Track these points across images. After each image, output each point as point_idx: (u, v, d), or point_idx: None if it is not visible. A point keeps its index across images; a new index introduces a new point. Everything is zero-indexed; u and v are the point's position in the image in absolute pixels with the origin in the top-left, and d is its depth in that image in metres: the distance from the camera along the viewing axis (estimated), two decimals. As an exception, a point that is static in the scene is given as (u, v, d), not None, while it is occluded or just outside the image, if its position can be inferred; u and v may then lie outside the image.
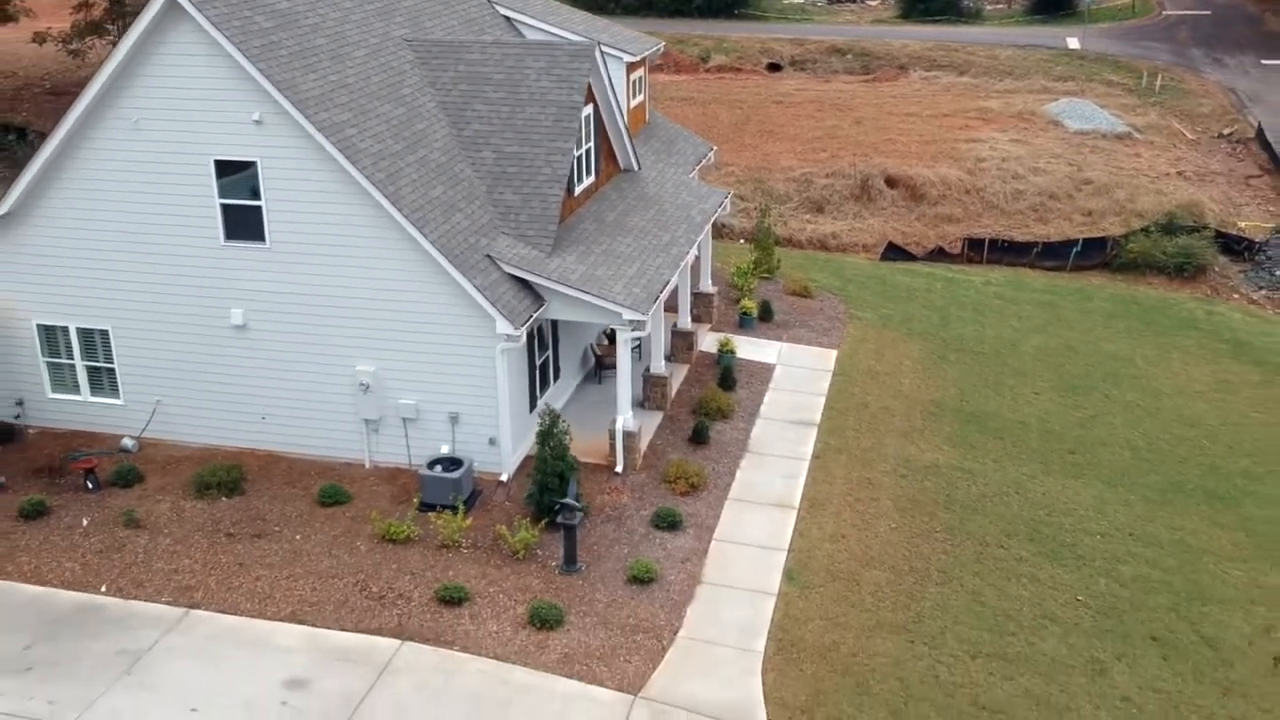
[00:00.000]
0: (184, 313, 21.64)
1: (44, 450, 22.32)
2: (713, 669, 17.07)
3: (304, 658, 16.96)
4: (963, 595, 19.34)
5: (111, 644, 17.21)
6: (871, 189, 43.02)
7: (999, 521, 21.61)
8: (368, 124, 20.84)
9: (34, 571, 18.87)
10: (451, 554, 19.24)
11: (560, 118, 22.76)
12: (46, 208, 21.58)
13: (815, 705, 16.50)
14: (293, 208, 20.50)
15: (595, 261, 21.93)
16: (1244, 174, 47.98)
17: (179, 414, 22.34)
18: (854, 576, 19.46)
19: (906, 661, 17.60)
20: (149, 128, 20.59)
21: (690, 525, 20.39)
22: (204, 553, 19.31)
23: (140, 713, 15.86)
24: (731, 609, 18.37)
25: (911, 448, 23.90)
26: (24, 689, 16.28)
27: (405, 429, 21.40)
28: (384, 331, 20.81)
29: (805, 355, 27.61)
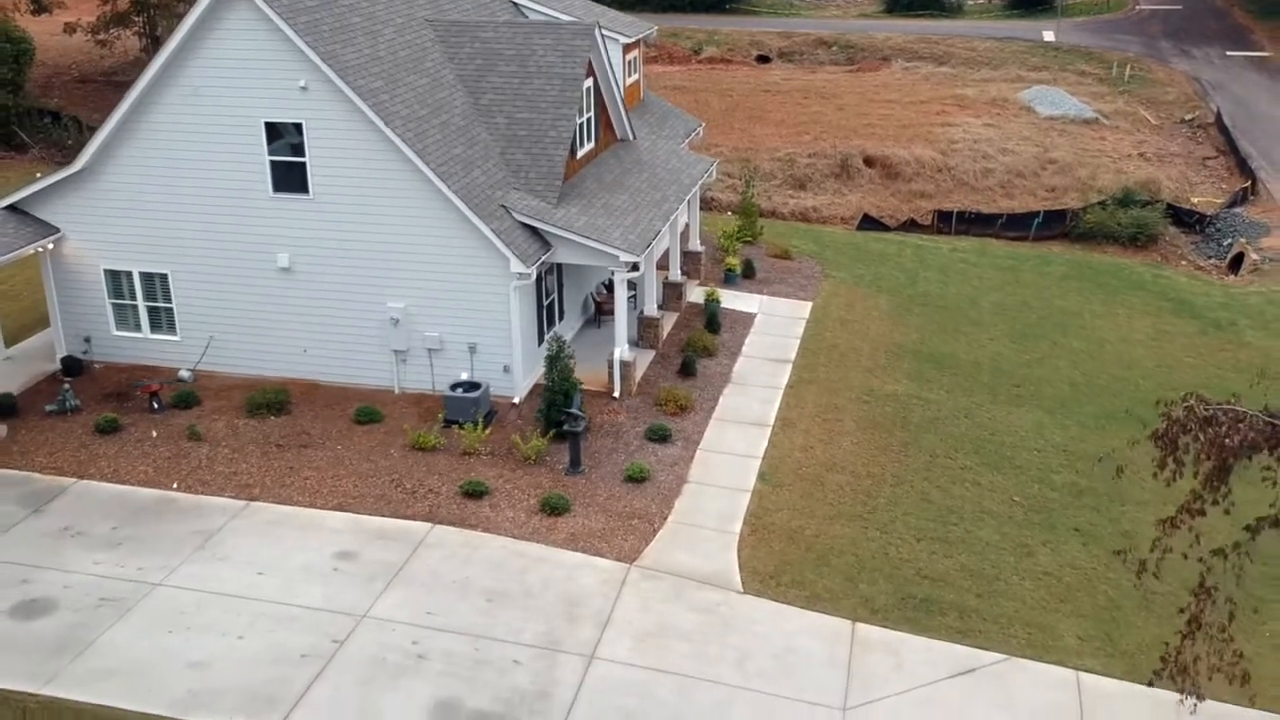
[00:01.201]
0: (235, 257, 24.70)
1: (110, 380, 25.38)
2: (696, 545, 20.18)
3: (350, 537, 20.05)
4: (912, 495, 22.47)
5: (186, 526, 20.29)
6: (850, 168, 46.18)
7: (948, 439, 24.75)
8: (397, 91, 23.93)
9: (113, 473, 21.94)
10: (472, 459, 22.32)
11: (564, 89, 25.85)
12: (115, 166, 24.63)
13: (782, 573, 19.61)
14: (333, 163, 23.58)
15: (595, 213, 25.03)
16: (1201, 156, 51.21)
17: (229, 348, 25.40)
18: (818, 478, 22.58)
19: (861, 542, 20.71)
20: (207, 94, 23.65)
21: (678, 438, 23.50)
22: (258, 459, 22.38)
23: (215, 576, 18.93)
24: (713, 501, 21.48)
25: (874, 380, 27.03)
26: (116, 559, 19.35)
27: (429, 359, 24.47)
28: (412, 272, 23.88)
29: (783, 306, 30.73)
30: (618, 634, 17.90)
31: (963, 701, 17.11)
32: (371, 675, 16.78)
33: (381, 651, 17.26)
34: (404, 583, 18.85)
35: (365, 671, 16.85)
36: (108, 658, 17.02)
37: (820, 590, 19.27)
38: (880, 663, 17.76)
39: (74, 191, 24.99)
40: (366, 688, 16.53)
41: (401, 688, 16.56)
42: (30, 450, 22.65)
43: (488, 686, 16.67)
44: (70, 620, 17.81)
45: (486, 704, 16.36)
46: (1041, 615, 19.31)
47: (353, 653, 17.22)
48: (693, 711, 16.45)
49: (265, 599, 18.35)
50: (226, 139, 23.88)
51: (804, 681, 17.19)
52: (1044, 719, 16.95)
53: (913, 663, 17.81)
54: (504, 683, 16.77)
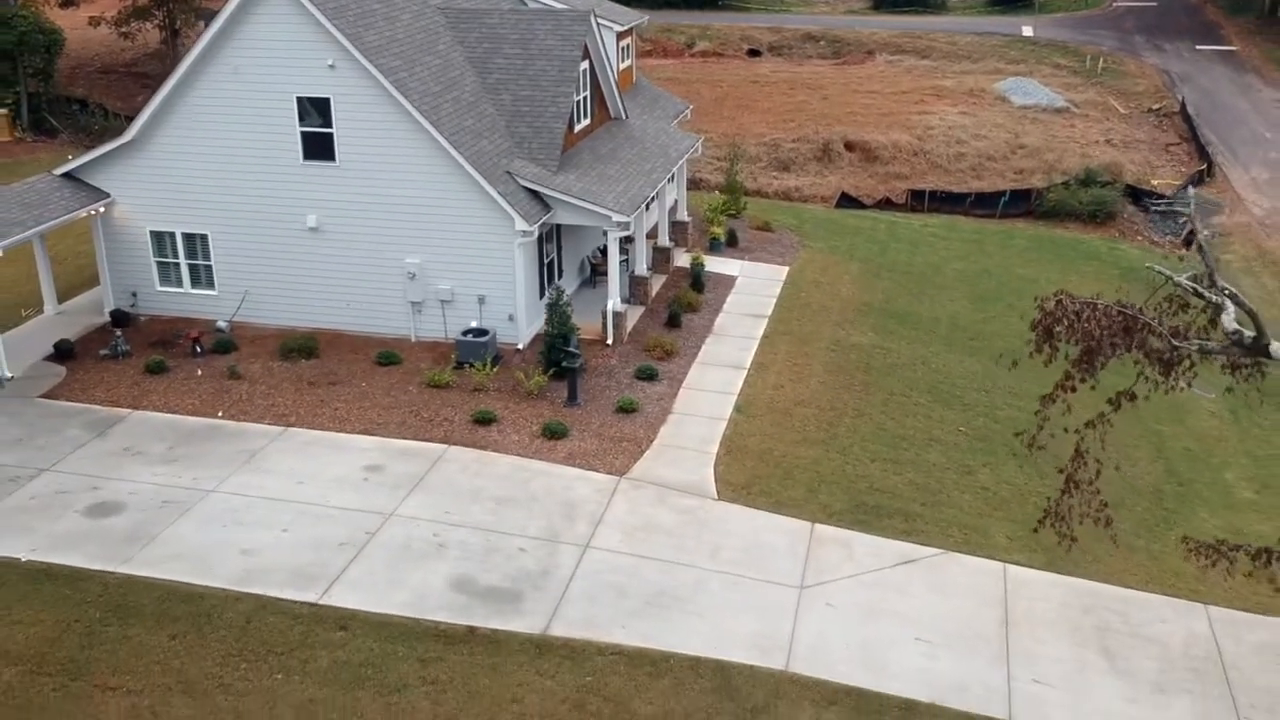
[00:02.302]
0: (269, 219, 27.61)
1: (155, 330, 28.26)
2: (678, 462, 23.12)
3: (376, 454, 22.98)
4: (870, 425, 25.42)
5: (232, 447, 23.22)
6: (832, 152, 49.15)
7: (905, 381, 27.70)
8: (414, 70, 26.85)
9: (164, 405, 24.86)
10: (481, 394, 25.24)
11: (563, 69, 28.79)
12: (161, 137, 27.52)
13: (751, 484, 22.56)
14: (357, 133, 26.49)
15: (590, 180, 27.95)
16: (1165, 142, 54.19)
17: (262, 301, 28.30)
18: (787, 411, 25.52)
19: (822, 462, 23.66)
20: (245, 72, 26.55)
21: (664, 378, 26.44)
22: (292, 394, 25.30)
23: (260, 485, 21.86)
24: (693, 428, 24.42)
25: (841, 333, 29.98)
26: (173, 472, 22.27)
27: (442, 309, 27.39)
28: (427, 230, 26.79)
29: (763, 270, 33.68)
30: (609, 529, 20.84)
31: (903, 584, 20.06)
32: (399, 558, 19.71)
33: (407, 541, 20.20)
34: (424, 490, 21.78)
35: (393, 556, 19.78)
36: (172, 546, 19.94)
37: (784, 498, 22.21)
38: (834, 554, 20.70)
39: (123, 160, 27.90)
40: (395, 568, 19.47)
41: (425, 568, 19.49)
42: (89, 387, 25.56)
43: (498, 568, 19.61)
44: (138, 518, 20.73)
45: (497, 581, 19.29)
46: (977, 520, 22.27)
47: (382, 541, 20.15)
48: (672, 586, 19.39)
49: (305, 501, 21.29)
50: (262, 112, 26.78)
51: (767, 566, 20.13)
52: (973, 598, 19.89)
53: (861, 554, 20.76)
54: (512, 565, 19.71)
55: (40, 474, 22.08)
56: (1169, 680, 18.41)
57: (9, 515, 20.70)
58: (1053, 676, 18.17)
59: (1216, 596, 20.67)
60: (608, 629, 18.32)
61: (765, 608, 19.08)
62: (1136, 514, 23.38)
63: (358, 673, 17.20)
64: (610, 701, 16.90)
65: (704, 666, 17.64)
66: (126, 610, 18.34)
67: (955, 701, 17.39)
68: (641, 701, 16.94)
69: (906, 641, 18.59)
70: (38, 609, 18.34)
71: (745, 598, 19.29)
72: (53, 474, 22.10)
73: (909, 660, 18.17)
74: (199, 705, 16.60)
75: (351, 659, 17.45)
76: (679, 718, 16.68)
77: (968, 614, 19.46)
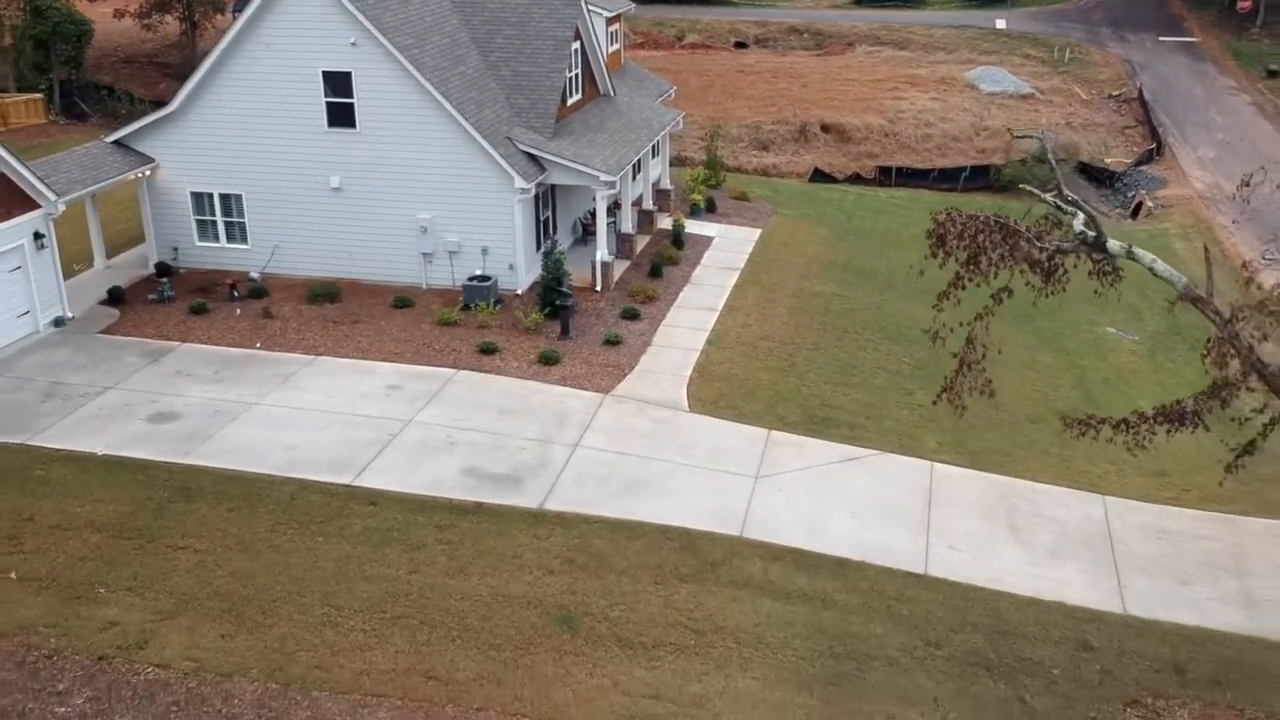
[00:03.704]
0: (296, 180, 31.19)
1: (194, 281, 31.84)
2: (656, 383, 26.74)
3: (395, 376, 26.58)
4: (825, 356, 29.05)
5: (270, 371, 26.82)
6: (808, 133, 52.82)
7: (860, 322, 31.35)
8: (425, 48, 30.45)
9: (208, 338, 28.45)
10: (485, 330, 28.84)
11: (557, 48, 32.40)
12: (201, 107, 31.10)
13: (719, 400, 26.18)
14: (375, 103, 30.08)
15: (581, 146, 31.56)
16: (1122, 125, 57.91)
17: (290, 254, 31.88)
18: (753, 344, 29.15)
19: (781, 384, 27.28)
20: (277, 49, 30.13)
21: (646, 317, 30.06)
22: (320, 330, 28.90)
23: (296, 399, 25.45)
24: (670, 357, 28.03)
25: (806, 283, 33.62)
26: (219, 391, 25.85)
27: (450, 260, 30.97)
28: (437, 189, 30.37)
29: (738, 232, 37.32)
30: (595, 433, 24.46)
31: (844, 475, 23.69)
32: (418, 453, 23.33)
33: (424, 440, 23.81)
34: (438, 403, 25.40)
35: (413, 451, 23.40)
36: (225, 443, 23.54)
37: (746, 411, 25.85)
38: (786, 453, 24.34)
39: (166, 129, 31.49)
40: (414, 459, 23.08)
41: (440, 460, 23.11)
42: (141, 325, 29.15)
43: (501, 461, 23.23)
44: (193, 424, 24.33)
45: (501, 470, 22.91)
46: (912, 430, 25.92)
47: (403, 440, 23.77)
48: (648, 475, 23.01)
49: (336, 411, 24.90)
50: (291, 85, 30.35)
51: (729, 461, 23.76)
52: (903, 487, 23.53)
53: (811, 453, 24.39)
54: (513, 458, 23.33)
55: (106, 391, 25.68)
56: (1064, 549, 22.04)
57: (83, 421, 24.31)
58: (964, 544, 21.80)
59: (1113, 489, 24.38)
60: (593, 505, 21.93)
61: (725, 491, 22.71)
62: (1053, 427, 26.95)
63: (386, 535, 20.80)
64: (594, 557, 20.50)
65: (672, 532, 21.26)
66: (189, 491, 21.94)
67: (880, 560, 21.01)
68: (620, 557, 20.53)
69: (843, 516, 22.23)
70: (115, 491, 21.93)
71: (709, 484, 22.92)
72: (117, 391, 25.70)
73: (844, 530, 21.80)
74: (253, 559, 20.17)
75: (380, 525, 21.06)
76: (651, 568, 20.29)
77: (897, 498, 23.11)
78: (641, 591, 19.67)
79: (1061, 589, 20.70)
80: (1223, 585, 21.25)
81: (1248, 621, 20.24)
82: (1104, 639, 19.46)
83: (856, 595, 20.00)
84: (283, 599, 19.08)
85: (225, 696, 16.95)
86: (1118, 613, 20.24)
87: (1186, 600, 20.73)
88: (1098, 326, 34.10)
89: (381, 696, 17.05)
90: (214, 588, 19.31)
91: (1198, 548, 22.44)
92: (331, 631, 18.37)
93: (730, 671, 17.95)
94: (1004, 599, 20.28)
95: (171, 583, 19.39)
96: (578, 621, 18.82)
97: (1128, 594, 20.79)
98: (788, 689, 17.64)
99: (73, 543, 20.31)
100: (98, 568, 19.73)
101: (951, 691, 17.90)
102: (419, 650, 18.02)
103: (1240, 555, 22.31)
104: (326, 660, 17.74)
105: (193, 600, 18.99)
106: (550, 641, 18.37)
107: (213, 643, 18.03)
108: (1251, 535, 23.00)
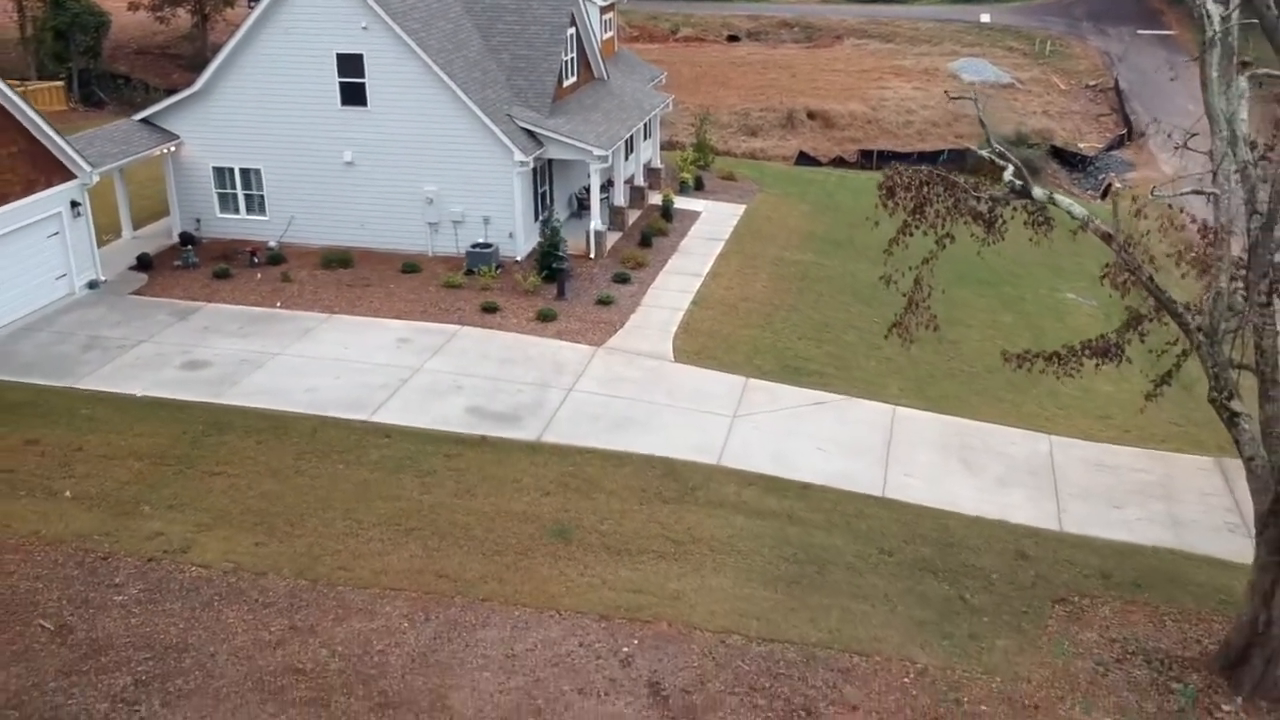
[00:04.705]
0: (311, 155, 33.57)
1: (216, 249, 34.23)
2: (644, 338, 29.14)
3: (405, 331, 28.98)
4: (800, 316, 31.46)
5: (289, 326, 29.21)
6: (795, 119, 55.24)
7: (834, 286, 33.76)
8: (431, 32, 32.83)
9: (232, 299, 30.83)
10: (487, 291, 31.21)
11: (554, 33, 34.81)
12: (224, 87, 33.49)
13: (702, 352, 28.59)
14: (385, 83, 32.46)
15: (576, 124, 33.96)
16: (1096, 113, 60.35)
17: (305, 224, 34.27)
18: (734, 305, 31.56)
19: (759, 339, 29.69)
20: (294, 32, 32.51)
21: (636, 281, 32.48)
22: (334, 292, 31.29)
23: (315, 351, 27.83)
24: (658, 315, 30.44)
25: (786, 253, 36.04)
26: (244, 343, 28.23)
27: (454, 229, 33.36)
28: (442, 163, 32.75)
29: (724, 208, 39.74)
30: (588, 379, 26.87)
31: (813, 417, 26.10)
32: (427, 395, 25.73)
33: (432, 385, 26.22)
34: (444, 354, 27.80)
35: (422, 393, 25.80)
36: (252, 387, 25.94)
37: (727, 362, 28.25)
38: (761, 397, 26.74)
39: (191, 108, 33.88)
40: (424, 400, 25.49)
41: (447, 401, 25.52)
42: (169, 288, 31.54)
43: (502, 402, 25.63)
44: (223, 371, 26.72)
45: (502, 409, 25.32)
46: (877, 379, 28.34)
47: (413, 384, 26.18)
48: (635, 414, 25.42)
49: (351, 360, 27.30)
50: (307, 66, 32.73)
51: (709, 404, 26.16)
52: (866, 427, 25.93)
53: (783, 398, 26.80)
54: (513, 400, 25.74)
55: (140, 344, 28.07)
56: (1010, 478, 24.46)
57: (122, 368, 26.71)
58: (919, 473, 24.22)
59: (1059, 430, 26.81)
60: (585, 439, 24.33)
61: (705, 428, 25.12)
62: (1007, 377, 29.26)
63: (400, 463, 23.19)
64: (586, 481, 22.90)
65: (656, 461, 23.66)
66: (222, 426, 24.33)
67: (842, 485, 23.41)
68: (609, 481, 22.93)
69: (810, 450, 24.64)
70: (154, 426, 24.32)
71: (690, 422, 25.33)
72: (150, 344, 28.09)
73: (811, 461, 24.20)
74: (281, 483, 22.55)
75: (394, 454, 23.45)
76: (636, 491, 22.69)
77: (860, 436, 25.52)
78: (628, 510, 22.06)
79: (1005, 510, 23.11)
80: (1151, 509, 23.67)
81: (1171, 538, 22.66)
82: (1040, 551, 21.86)
83: (819, 513, 22.40)
84: (309, 515, 21.46)
85: (261, 590, 19.32)
86: (1054, 530, 22.65)
87: (1118, 521, 23.14)
88: (1058, 292, 36.54)
89: (398, 590, 19.42)
90: (246, 506, 21.69)
91: (1132, 478, 24.85)
92: (353, 540, 20.74)
93: (705, 573, 20.33)
94: (952, 517, 22.69)
95: (208, 502, 21.77)
96: (571, 533, 21.19)
97: (1065, 515, 23.20)
98: (755, 586, 20.02)
99: (118, 469, 22.69)
100: (142, 490, 22.10)
101: (900, 590, 20.29)
102: (430, 555, 20.40)
103: (1170, 485, 24.74)
104: (349, 563, 20.13)
105: (228, 516, 21.37)
106: (546, 549, 20.75)
107: (247, 549, 20.40)
108: (1181, 469, 25.43)
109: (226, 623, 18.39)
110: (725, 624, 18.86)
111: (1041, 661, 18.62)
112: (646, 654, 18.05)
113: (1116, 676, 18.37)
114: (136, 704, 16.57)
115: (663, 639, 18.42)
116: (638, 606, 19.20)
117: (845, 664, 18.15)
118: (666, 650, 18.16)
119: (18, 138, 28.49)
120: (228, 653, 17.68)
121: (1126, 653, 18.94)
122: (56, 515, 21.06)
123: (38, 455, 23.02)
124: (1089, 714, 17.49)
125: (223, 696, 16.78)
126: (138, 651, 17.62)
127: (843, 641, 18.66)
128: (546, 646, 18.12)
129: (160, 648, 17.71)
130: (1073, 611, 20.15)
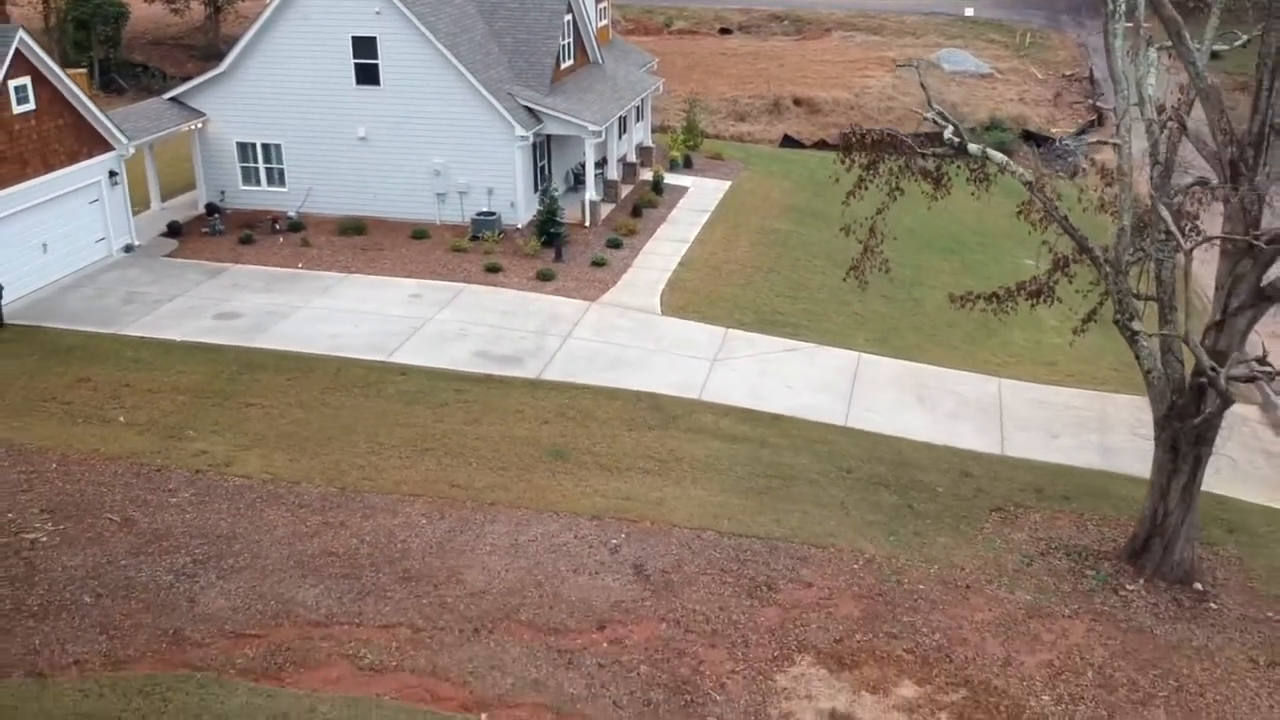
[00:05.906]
0: (328, 130, 36.37)
1: (240, 219, 37.03)
2: (635, 294, 31.97)
3: (416, 288, 31.81)
4: (779, 277, 34.30)
5: (311, 284, 32.03)
6: (781, 106, 58.00)
7: (810, 252, 36.59)
8: (439, 16, 35.65)
9: (257, 261, 33.65)
10: (491, 255, 34.03)
11: (551, 19, 37.64)
12: (247, 68, 36.28)
13: (687, 307, 31.42)
14: (397, 63, 35.26)
15: (573, 103, 36.78)
16: (1069, 101, 63.12)
17: (322, 195, 37.08)
18: (718, 267, 34.39)
19: (740, 296, 32.52)
20: (312, 17, 35.30)
21: (627, 246, 35.31)
22: (351, 255, 34.11)
23: (335, 304, 30.65)
24: (647, 275, 33.28)
25: (767, 223, 38.87)
26: (271, 297, 31.05)
27: (460, 199, 36.17)
28: (449, 137, 35.56)
29: (711, 183, 42.57)
30: (583, 329, 29.70)
31: (786, 360, 28.93)
32: (437, 341, 28.55)
33: (442, 332, 29.04)
34: (452, 307, 30.63)
35: (433, 339, 28.62)
36: (280, 333, 28.76)
37: (709, 315, 31.09)
38: (739, 344, 29.57)
39: (216, 87, 36.68)
40: (435, 345, 28.31)
41: (455, 345, 28.34)
42: (198, 252, 34.35)
43: (505, 346, 28.46)
44: (253, 320, 29.53)
45: (505, 353, 28.14)
46: (846, 330, 31.19)
47: (425, 333, 29.00)
48: (626, 357, 28.25)
49: (369, 311, 30.13)
50: (324, 48, 35.52)
51: (692, 349, 29.00)
52: (833, 369, 28.77)
53: (759, 345, 29.63)
54: (515, 345, 28.56)
55: (175, 298, 30.88)
56: (961, 412, 27.30)
57: (161, 319, 29.51)
58: (879, 408, 27.06)
59: (1009, 374, 29.65)
60: (580, 377, 27.15)
61: (688, 369, 27.96)
62: (965, 330, 32.23)
63: (414, 396, 26.01)
64: (581, 412, 25.72)
65: (643, 395, 26.49)
66: (254, 365, 27.15)
67: (809, 416, 26.25)
68: (601, 412, 25.75)
69: (781, 388, 27.48)
70: (193, 365, 27.13)
71: (674, 364, 28.16)
72: (185, 298, 30.90)
73: (781, 396, 27.04)
74: (309, 413, 25.36)
75: (410, 389, 26.28)
76: (625, 418, 25.51)
77: (828, 377, 28.36)
78: (618, 435, 24.88)
79: (954, 438, 25.97)
80: (1085, 438, 26.53)
81: (1101, 462, 25.50)
82: (982, 470, 24.71)
83: (787, 439, 25.24)
84: (335, 438, 24.28)
85: (296, 495, 22.14)
86: (996, 454, 25.51)
87: (1055, 447, 25.99)
88: (1018, 259, 39.31)
89: (416, 496, 22.24)
90: (279, 430, 24.51)
91: (1071, 414, 27.70)
92: (375, 458, 23.56)
93: (685, 485, 23.17)
94: (906, 443, 25.53)
95: (245, 427, 24.58)
96: (567, 454, 24.01)
97: (1007, 443, 26.05)
98: (728, 495, 22.85)
99: (163, 401, 25.51)
100: (185, 418, 24.92)
101: (856, 499, 23.12)
102: (444, 469, 23.23)
103: (1104, 419, 27.59)
104: (372, 475, 22.94)
105: (263, 438, 24.19)
106: (545, 466, 23.57)
107: (282, 464, 23.22)
108: (1116, 406, 28.28)
109: (268, 519, 21.22)
110: (701, 522, 21.70)
111: (975, 554, 21.46)
112: (632, 544, 20.89)
113: (1039, 565, 21.21)
114: (195, 576, 19.40)
115: (646, 533, 21.26)
116: (625, 509, 22.03)
117: (803, 553, 20.99)
118: (649, 542, 21.00)
119: (64, 111, 31.30)
120: (271, 541, 20.52)
121: (1050, 548, 21.78)
122: (112, 437, 23.88)
123: (90, 390, 25.84)
124: (1013, 593, 20.33)
125: (269, 572, 19.62)
126: (193, 539, 20.46)
127: (802, 536, 21.50)
128: (546, 538, 20.96)
129: (213, 536, 20.55)
130: (1006, 517, 22.98)
